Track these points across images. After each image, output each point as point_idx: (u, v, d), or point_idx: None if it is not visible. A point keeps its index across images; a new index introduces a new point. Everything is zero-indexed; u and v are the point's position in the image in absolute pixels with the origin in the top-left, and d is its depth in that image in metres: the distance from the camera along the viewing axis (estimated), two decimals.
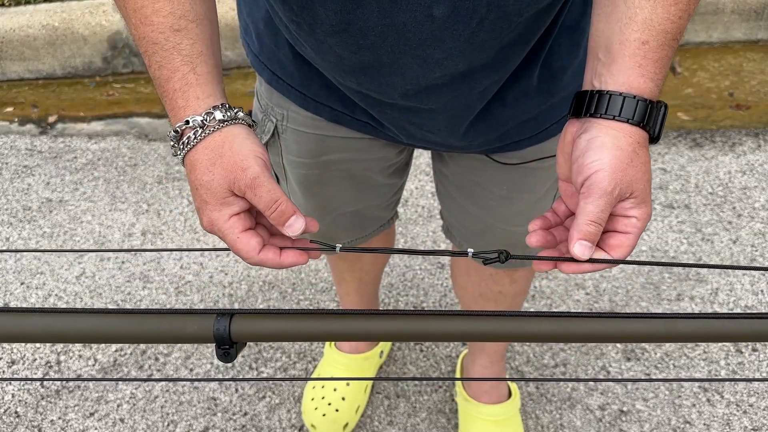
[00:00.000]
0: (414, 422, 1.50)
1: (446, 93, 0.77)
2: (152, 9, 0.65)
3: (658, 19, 0.60)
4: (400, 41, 0.68)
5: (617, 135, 0.61)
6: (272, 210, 0.64)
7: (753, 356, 1.58)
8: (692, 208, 1.93)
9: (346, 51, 0.71)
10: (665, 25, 0.60)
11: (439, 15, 0.65)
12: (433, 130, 0.85)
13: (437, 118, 0.82)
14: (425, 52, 0.69)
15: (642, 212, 0.62)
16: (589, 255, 0.62)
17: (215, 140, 0.65)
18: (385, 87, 0.76)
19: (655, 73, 0.61)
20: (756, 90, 2.32)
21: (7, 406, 1.58)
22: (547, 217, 0.69)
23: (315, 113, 0.91)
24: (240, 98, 2.44)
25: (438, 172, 1.09)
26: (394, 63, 0.71)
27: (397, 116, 0.83)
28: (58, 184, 2.17)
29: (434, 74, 0.72)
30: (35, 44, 2.54)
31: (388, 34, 0.67)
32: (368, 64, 0.73)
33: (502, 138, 0.88)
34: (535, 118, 0.87)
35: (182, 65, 0.65)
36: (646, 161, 0.62)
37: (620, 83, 0.61)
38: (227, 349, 0.61)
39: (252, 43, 0.92)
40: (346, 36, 0.69)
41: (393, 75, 0.73)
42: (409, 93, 0.76)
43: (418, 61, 0.71)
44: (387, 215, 1.20)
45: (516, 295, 1.26)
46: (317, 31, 0.70)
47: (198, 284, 1.82)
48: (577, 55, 0.83)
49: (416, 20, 0.66)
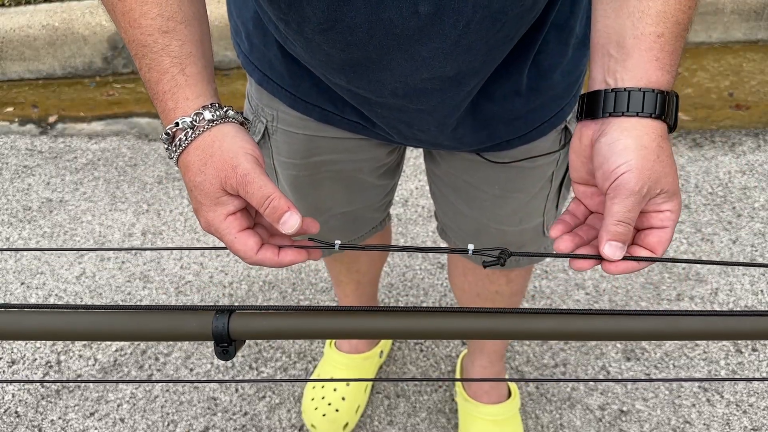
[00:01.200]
0: (414, 422, 1.50)
1: (435, 96, 0.77)
2: (140, 12, 0.65)
3: (671, 10, 0.60)
4: (388, 37, 0.68)
5: (640, 133, 0.60)
6: (265, 206, 0.63)
7: (753, 356, 1.58)
8: (692, 208, 1.93)
9: (334, 48, 0.71)
10: (678, 16, 0.60)
11: (425, 12, 0.65)
12: (423, 129, 0.86)
13: (426, 119, 0.82)
14: (413, 47, 0.69)
15: (674, 204, 0.63)
16: (620, 255, 0.61)
17: (205, 140, 0.65)
18: (374, 84, 0.76)
19: (671, 65, 0.61)
20: (756, 90, 2.32)
21: (8, 406, 1.58)
22: (566, 220, 0.69)
23: (304, 113, 0.91)
24: (240, 98, 2.43)
25: (431, 173, 1.09)
26: (383, 59, 0.71)
27: (387, 115, 0.83)
28: (59, 184, 2.17)
29: (422, 74, 0.72)
30: (35, 44, 2.54)
31: (376, 31, 0.67)
32: (357, 61, 0.73)
33: (492, 136, 0.88)
34: (525, 117, 0.87)
35: (171, 67, 0.65)
36: (670, 153, 0.62)
37: (638, 78, 0.60)
38: (226, 347, 0.61)
39: (242, 43, 0.91)
40: (333, 33, 0.69)
41: (381, 72, 0.73)
42: (398, 92, 0.76)
43: (406, 57, 0.71)
44: (379, 216, 1.20)
45: (513, 294, 1.26)
46: (305, 29, 0.70)
47: (198, 284, 1.82)
48: (566, 53, 0.83)
49: (403, 16, 0.66)
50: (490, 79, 0.78)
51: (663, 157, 0.61)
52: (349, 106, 0.86)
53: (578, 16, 0.81)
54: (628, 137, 0.60)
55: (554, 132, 0.92)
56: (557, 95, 0.87)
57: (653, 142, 0.60)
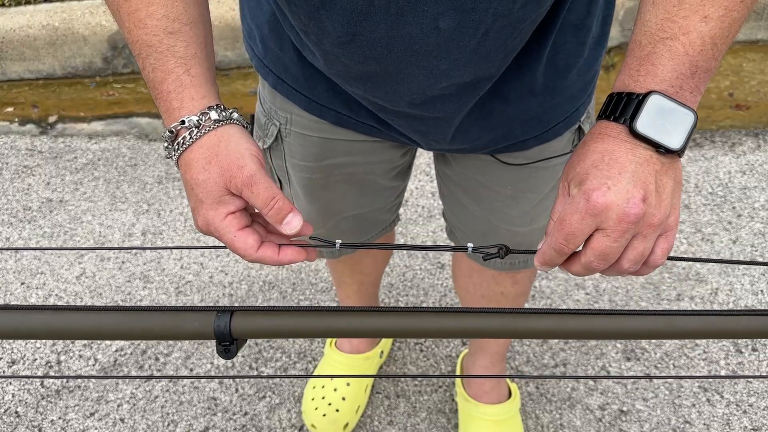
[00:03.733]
0: (414, 422, 1.50)
1: (452, 102, 0.77)
2: (146, 12, 0.65)
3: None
4: (407, 53, 0.68)
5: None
6: (269, 207, 0.64)
7: (753, 356, 1.58)
8: (692, 208, 1.93)
9: (352, 61, 0.71)
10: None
11: (446, 27, 0.65)
12: (438, 138, 0.86)
13: (443, 126, 0.82)
14: (431, 63, 0.69)
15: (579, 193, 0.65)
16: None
17: (211, 140, 0.65)
18: (391, 95, 0.76)
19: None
20: (756, 90, 2.32)
21: (8, 406, 1.58)
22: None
23: (319, 116, 0.91)
24: (240, 98, 2.44)
25: (441, 173, 1.09)
26: (400, 73, 0.71)
27: (403, 123, 0.84)
28: (59, 184, 2.17)
29: (440, 84, 0.73)
30: (35, 44, 2.54)
31: (395, 46, 0.67)
32: (374, 74, 0.73)
33: (507, 137, 0.88)
34: (540, 117, 0.87)
35: (176, 67, 0.66)
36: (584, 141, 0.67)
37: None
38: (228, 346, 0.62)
39: (256, 47, 0.91)
40: (352, 47, 0.69)
41: (399, 84, 0.73)
42: (416, 102, 0.76)
43: (424, 72, 0.71)
44: (389, 218, 1.20)
45: (518, 296, 1.26)
46: (324, 41, 0.70)
47: (198, 284, 1.82)
48: (583, 53, 0.83)
49: (423, 32, 0.65)
50: (503, 80, 0.78)
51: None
52: (365, 109, 0.86)
53: (595, 15, 0.81)
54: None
55: (569, 132, 0.92)
56: (573, 95, 0.87)
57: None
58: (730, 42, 0.61)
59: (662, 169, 0.59)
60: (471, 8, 0.63)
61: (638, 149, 0.59)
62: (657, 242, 0.60)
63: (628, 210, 0.57)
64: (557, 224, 0.60)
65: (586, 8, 0.79)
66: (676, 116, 0.58)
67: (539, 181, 0.98)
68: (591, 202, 0.57)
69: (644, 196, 0.57)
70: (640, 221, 0.58)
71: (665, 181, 0.59)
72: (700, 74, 0.59)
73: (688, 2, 0.59)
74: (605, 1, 0.82)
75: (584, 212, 0.58)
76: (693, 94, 0.60)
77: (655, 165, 0.59)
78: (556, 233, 0.60)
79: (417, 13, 0.63)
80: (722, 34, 0.59)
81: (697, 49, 0.58)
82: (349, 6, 0.64)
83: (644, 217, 0.58)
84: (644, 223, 0.58)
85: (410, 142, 0.91)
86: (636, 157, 0.58)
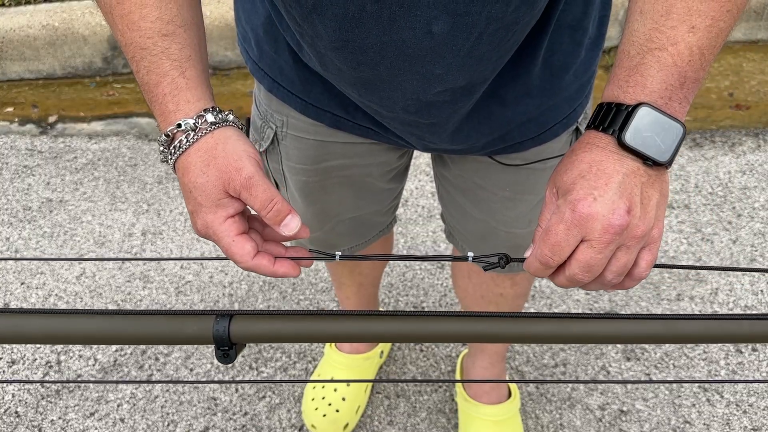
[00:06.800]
0: (414, 422, 1.50)
1: (447, 107, 0.77)
2: (139, 15, 0.65)
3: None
4: (400, 58, 0.68)
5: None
6: (268, 209, 0.64)
7: (753, 356, 1.58)
8: (692, 208, 1.93)
9: (345, 66, 0.71)
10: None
11: (439, 32, 0.64)
12: (434, 141, 0.86)
13: (439, 130, 0.82)
14: (425, 68, 0.69)
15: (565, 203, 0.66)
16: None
17: (208, 142, 0.65)
18: (386, 101, 0.76)
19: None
20: (756, 90, 2.32)
21: (8, 406, 1.58)
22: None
23: (316, 119, 0.90)
24: (240, 98, 2.44)
25: (440, 175, 1.09)
26: (394, 79, 0.71)
27: (399, 127, 0.84)
28: (59, 184, 2.17)
29: (434, 89, 0.72)
30: (35, 44, 2.54)
31: (388, 52, 0.67)
32: (368, 79, 0.72)
33: (504, 139, 0.88)
34: (537, 119, 0.87)
35: (171, 69, 0.65)
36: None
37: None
38: (226, 351, 0.61)
39: (251, 50, 0.91)
40: (345, 52, 0.69)
41: (393, 90, 0.73)
42: (410, 108, 0.76)
43: (418, 77, 0.70)
44: (386, 220, 1.20)
45: (517, 297, 1.26)
46: (318, 44, 0.70)
47: (198, 284, 1.82)
48: (579, 54, 0.82)
49: (416, 37, 0.65)
50: (499, 83, 0.78)
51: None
52: (361, 111, 0.85)
53: (591, 16, 0.81)
54: None
55: (566, 133, 0.92)
56: (570, 96, 0.87)
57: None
58: (717, 52, 0.61)
59: (648, 181, 0.59)
60: (464, 12, 0.63)
61: (626, 160, 0.59)
62: (640, 254, 0.61)
63: (613, 221, 0.57)
64: (543, 235, 0.61)
65: (582, 9, 0.79)
66: (664, 129, 0.59)
67: (537, 182, 0.98)
68: (576, 212, 0.58)
69: (629, 207, 0.58)
70: (624, 232, 0.58)
71: (651, 194, 0.59)
72: (688, 85, 0.60)
73: (676, 12, 0.59)
74: (602, 2, 0.82)
75: (570, 222, 0.58)
76: (682, 104, 0.60)
77: (641, 177, 0.59)
78: (542, 244, 0.60)
79: (410, 18, 0.63)
80: (709, 44, 0.59)
81: (686, 59, 0.59)
82: (340, 12, 0.64)
83: (628, 229, 0.58)
84: (628, 234, 0.58)
85: (407, 144, 0.91)
86: (623, 168, 0.59)
